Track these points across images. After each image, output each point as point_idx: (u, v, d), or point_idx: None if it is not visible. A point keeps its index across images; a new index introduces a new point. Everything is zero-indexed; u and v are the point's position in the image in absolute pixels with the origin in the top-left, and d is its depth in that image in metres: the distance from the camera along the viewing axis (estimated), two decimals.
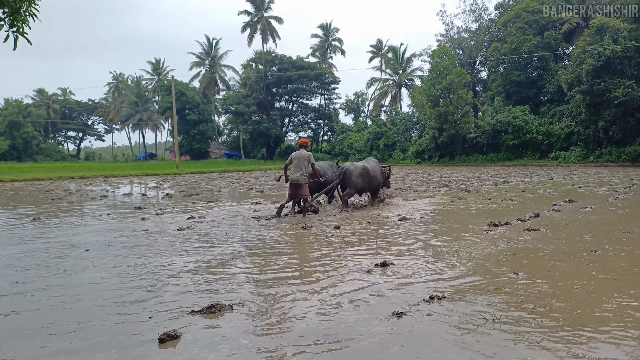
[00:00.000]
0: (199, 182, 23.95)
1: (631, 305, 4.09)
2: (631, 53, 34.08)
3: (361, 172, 11.07)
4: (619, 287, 4.61)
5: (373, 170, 11.39)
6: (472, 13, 59.97)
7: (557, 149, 41.02)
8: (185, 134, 65.66)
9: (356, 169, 11.05)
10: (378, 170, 11.68)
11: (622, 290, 4.51)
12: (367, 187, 11.43)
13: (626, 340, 3.37)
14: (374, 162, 11.81)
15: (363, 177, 11.10)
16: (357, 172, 11.02)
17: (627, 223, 8.39)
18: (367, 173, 11.16)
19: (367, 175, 11.18)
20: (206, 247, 6.96)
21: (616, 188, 15.63)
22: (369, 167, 11.29)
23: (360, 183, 11.10)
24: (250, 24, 62.88)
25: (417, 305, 4.15)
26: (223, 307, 4.19)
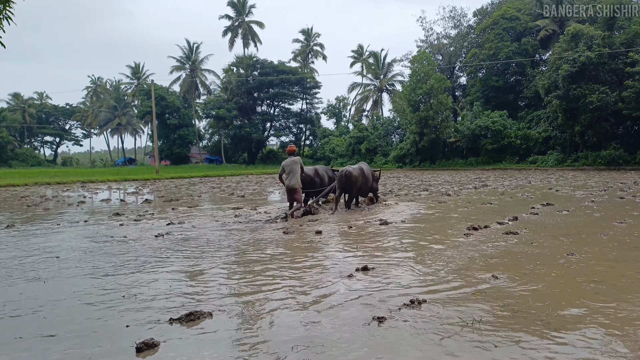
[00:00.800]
0: (179, 187, 23.68)
1: (608, 306, 4.16)
2: (605, 59, 34.97)
3: (360, 173, 11.64)
4: (596, 289, 4.69)
5: (367, 172, 11.99)
6: (452, 19, 60.84)
7: (535, 153, 41.76)
8: (165, 139, 64.93)
9: (355, 171, 11.52)
10: (370, 173, 12.25)
11: (600, 292, 4.59)
12: (363, 187, 11.94)
13: (603, 342, 3.42)
14: (366, 166, 12.31)
15: (362, 178, 11.68)
16: (357, 174, 11.53)
17: (602, 226, 8.56)
18: (364, 174, 11.77)
19: (364, 177, 11.77)
20: (185, 254, 6.86)
21: (592, 191, 15.97)
22: (365, 170, 11.92)
23: (359, 184, 11.65)
24: (231, 28, 62.62)
25: (398, 310, 4.16)
26: (202, 314, 4.13)
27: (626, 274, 5.20)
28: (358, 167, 11.84)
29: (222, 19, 62.50)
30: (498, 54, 46.83)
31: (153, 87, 43.43)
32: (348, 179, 11.34)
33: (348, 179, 11.35)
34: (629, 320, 3.83)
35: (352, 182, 11.41)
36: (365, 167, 12.06)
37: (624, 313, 3.99)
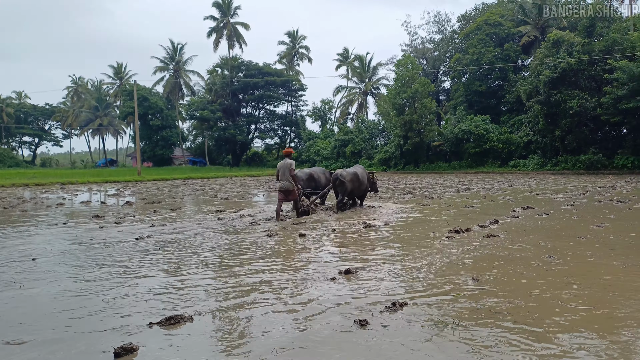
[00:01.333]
0: (161, 190, 23.42)
1: (585, 308, 4.23)
2: (584, 66, 35.66)
3: (352, 177, 11.97)
4: (574, 291, 4.76)
5: (362, 176, 12.36)
6: (436, 24, 61.45)
7: (516, 157, 42.34)
8: (147, 140, 64.14)
9: (348, 174, 11.90)
10: (365, 176, 12.65)
11: (578, 294, 4.66)
12: (356, 191, 12.30)
13: (580, 343, 3.48)
14: (361, 168, 12.71)
15: (354, 182, 11.99)
16: (350, 177, 11.88)
17: (581, 229, 8.71)
18: (357, 178, 12.13)
19: (357, 180, 12.12)
20: (167, 257, 6.79)
21: (571, 195, 16.24)
22: (359, 173, 12.27)
23: (353, 187, 12.00)
24: (216, 29, 62.26)
25: (380, 313, 4.17)
26: (183, 318, 4.09)
27: (604, 276, 5.30)
28: (352, 170, 12.19)
29: (207, 19, 62.15)
30: (481, 59, 47.42)
31: (136, 87, 42.94)
32: (341, 181, 11.69)
33: (341, 182, 11.71)
34: (606, 320, 3.90)
35: (344, 185, 11.72)
36: (359, 170, 12.38)
37: (602, 314, 4.06)
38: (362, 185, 12.43)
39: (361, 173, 12.40)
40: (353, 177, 11.97)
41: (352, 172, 12.08)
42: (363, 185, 12.48)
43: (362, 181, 12.37)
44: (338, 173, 11.83)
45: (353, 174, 12.04)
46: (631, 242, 7.29)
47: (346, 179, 11.76)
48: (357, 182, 12.09)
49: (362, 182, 12.34)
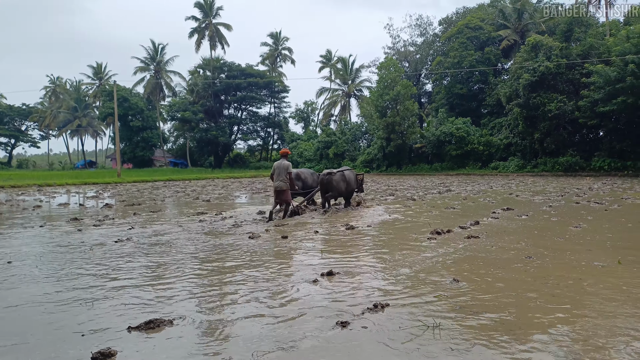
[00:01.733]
0: (141, 192, 23.12)
1: (563, 308, 4.30)
2: (562, 70, 36.37)
3: (340, 177, 12.34)
4: (552, 292, 4.84)
5: (349, 177, 12.73)
6: (418, 27, 62.06)
7: (496, 159, 42.95)
8: (127, 141, 63.30)
9: (336, 175, 12.25)
10: (353, 177, 13.03)
11: (556, 294, 4.74)
12: (344, 191, 12.62)
13: (557, 344, 3.53)
14: (349, 170, 13.07)
15: (341, 182, 12.36)
16: (338, 178, 12.25)
17: (559, 230, 8.86)
18: (344, 178, 12.49)
19: (345, 181, 12.47)
20: (147, 260, 6.69)
21: (550, 196, 16.52)
22: (346, 174, 12.64)
23: (340, 188, 12.34)
24: (198, 29, 61.84)
25: (362, 314, 4.17)
26: (163, 322, 4.03)
27: (581, 277, 5.39)
28: (340, 171, 12.52)
29: (189, 20, 61.75)
30: (462, 62, 48.02)
31: (116, 87, 42.34)
32: (328, 182, 12.09)
33: (328, 182, 12.09)
34: (582, 319, 3.96)
35: (332, 185, 12.09)
36: (347, 172, 12.76)
37: (578, 314, 4.13)
38: (350, 185, 12.78)
39: (348, 174, 12.74)
40: (340, 177, 12.31)
41: (340, 174, 12.40)
42: (350, 185, 12.82)
43: (349, 182, 12.71)
44: (326, 174, 12.18)
45: (340, 175, 12.38)
46: (607, 243, 7.44)
47: (333, 179, 12.11)
48: (344, 183, 12.43)
49: (349, 182, 12.68)
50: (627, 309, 4.26)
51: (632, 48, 32.04)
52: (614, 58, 32.57)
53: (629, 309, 4.26)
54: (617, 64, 32.07)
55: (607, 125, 34.46)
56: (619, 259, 6.16)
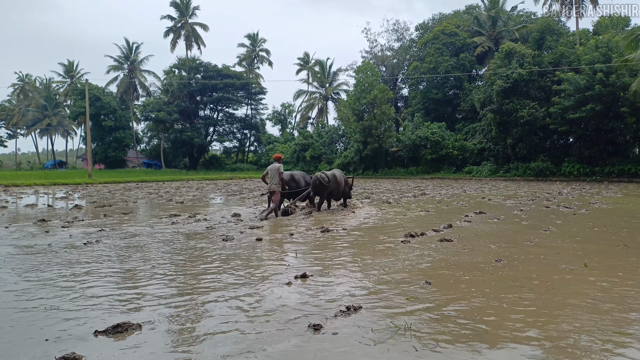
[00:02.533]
0: (113, 193, 22.63)
1: (530, 311, 4.37)
2: (535, 77, 37.24)
3: (331, 179, 12.78)
4: (520, 294, 4.92)
5: (339, 179, 13.23)
6: (395, 32, 62.68)
7: (470, 163, 43.64)
8: (99, 141, 61.94)
9: (327, 177, 12.72)
10: (343, 179, 13.52)
11: (524, 297, 4.82)
12: (334, 192, 13.14)
13: (525, 344, 3.58)
14: (339, 172, 13.53)
15: (332, 184, 12.79)
16: (328, 180, 12.69)
17: (529, 233, 9.04)
18: (335, 180, 12.96)
19: (336, 182, 12.94)
20: (117, 263, 6.54)
21: (521, 200, 16.87)
22: (337, 176, 13.13)
23: (331, 189, 12.81)
24: (173, 29, 61.02)
25: (334, 317, 4.16)
26: (131, 326, 3.94)
27: (549, 280, 5.50)
28: (331, 173, 13.05)
29: (164, 19, 60.86)
30: (438, 67, 48.69)
31: (87, 86, 41.40)
32: (320, 183, 12.52)
33: (320, 184, 12.53)
34: (549, 321, 4.04)
35: (323, 186, 12.55)
36: (338, 174, 13.26)
37: (546, 316, 4.21)
38: (340, 187, 13.27)
39: (339, 176, 13.26)
40: (332, 179, 12.81)
41: (332, 175, 12.90)
42: (340, 187, 13.31)
43: (340, 184, 13.21)
44: (318, 175, 12.68)
45: (332, 176, 12.88)
46: (575, 246, 7.62)
47: (324, 180, 12.59)
48: (335, 184, 12.93)
49: (339, 184, 13.18)
50: (592, 310, 4.36)
51: (600, 57, 33.06)
52: (584, 66, 33.52)
53: (594, 310, 4.36)
54: (586, 73, 33.02)
55: (577, 131, 35.40)
56: (586, 262, 6.31)
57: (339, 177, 13.18)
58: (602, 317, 4.17)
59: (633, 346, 3.53)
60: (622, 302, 4.59)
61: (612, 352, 3.43)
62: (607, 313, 4.27)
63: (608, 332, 3.79)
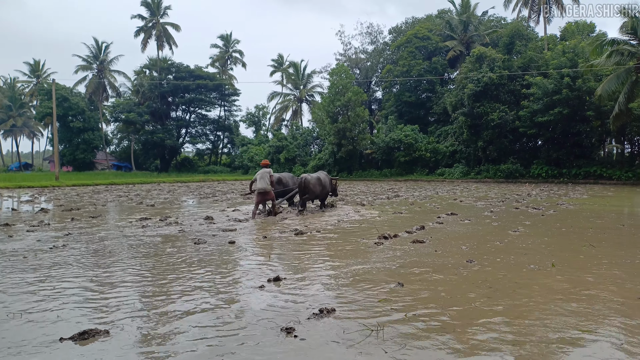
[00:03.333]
0: (81, 196, 22.04)
1: (499, 310, 4.44)
2: (504, 81, 38.13)
3: (316, 181, 13.46)
4: (490, 294, 4.99)
5: (324, 181, 13.91)
6: (369, 35, 63.12)
7: (442, 165, 44.30)
8: (67, 143, 60.19)
9: (312, 179, 13.40)
10: (327, 181, 14.21)
11: (493, 297, 4.89)
12: (319, 193, 13.74)
13: (494, 343, 3.63)
14: (324, 174, 14.34)
15: (317, 186, 13.46)
16: (314, 181, 13.36)
17: (499, 234, 9.22)
18: (320, 182, 13.63)
19: (320, 184, 13.61)
20: (84, 267, 6.36)
21: (491, 202, 17.20)
22: (322, 178, 13.84)
23: (316, 190, 13.43)
24: (144, 29, 59.93)
25: (307, 319, 4.13)
26: (98, 332, 3.83)
27: (518, 279, 5.61)
28: (316, 175, 13.81)
29: (135, 18, 59.71)
30: (411, 71, 49.28)
31: (54, 86, 40.21)
32: (306, 185, 13.16)
33: (306, 185, 13.16)
34: (518, 320, 4.11)
35: (309, 187, 13.17)
36: (322, 176, 14.02)
37: (514, 315, 4.28)
38: (324, 188, 13.94)
39: (323, 178, 13.97)
40: (316, 181, 13.49)
41: (316, 177, 13.63)
42: (325, 189, 13.99)
43: (324, 185, 13.88)
44: (303, 177, 13.37)
45: (317, 178, 13.60)
46: (543, 247, 7.80)
47: (310, 182, 13.23)
48: (319, 186, 13.56)
49: (324, 185, 13.85)
50: (559, 308, 4.46)
51: (567, 62, 34.10)
52: (551, 71, 34.49)
53: (561, 308, 4.46)
54: (554, 77, 33.99)
55: (545, 134, 36.36)
56: (553, 262, 6.46)
57: (323, 179, 13.85)
58: (566, 314, 4.27)
59: (593, 342, 3.63)
60: (586, 301, 4.71)
61: (576, 344, 3.51)
62: (572, 311, 4.37)
63: (571, 330, 3.88)
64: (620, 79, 29.34)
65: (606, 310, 4.41)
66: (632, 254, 7.07)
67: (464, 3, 50.72)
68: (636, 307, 4.50)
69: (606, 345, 3.59)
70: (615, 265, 6.36)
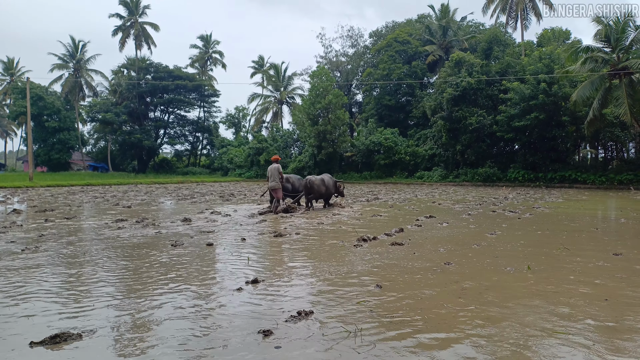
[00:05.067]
0: (55, 197, 21.54)
1: (475, 313, 4.48)
2: (483, 85, 38.72)
3: (320, 183, 14.60)
4: (467, 296, 5.04)
5: (328, 182, 15.02)
6: (349, 38, 63.40)
7: (422, 169, 44.70)
8: (42, 143, 58.79)
9: (317, 180, 14.59)
10: (331, 183, 15.32)
11: (469, 299, 4.94)
12: (323, 194, 14.94)
13: (469, 344, 3.66)
14: (328, 176, 15.39)
15: (321, 187, 14.61)
16: (318, 182, 14.53)
17: (476, 237, 9.33)
18: (324, 184, 14.75)
19: (324, 185, 14.75)
20: (57, 270, 6.21)
21: (469, 205, 17.42)
22: (325, 180, 14.92)
23: (321, 191, 14.64)
24: (122, 28, 58.95)
25: (285, 322, 4.10)
26: (70, 336, 3.74)
27: (494, 282, 5.68)
28: (320, 177, 14.88)
29: (113, 17, 58.74)
30: (391, 74, 49.66)
31: (29, 85, 39.30)
32: (311, 186, 14.36)
33: (311, 186, 14.35)
34: (493, 321, 4.15)
35: (313, 188, 14.39)
36: (326, 178, 15.09)
37: (490, 317, 4.33)
38: (328, 189, 15.07)
39: (327, 180, 15.03)
40: (320, 182, 14.62)
41: (320, 179, 14.74)
42: (329, 189, 15.12)
43: (328, 186, 14.99)
44: (308, 179, 14.53)
45: (320, 180, 14.72)
46: (519, 249, 7.92)
47: (315, 183, 14.41)
48: (323, 187, 14.70)
49: (327, 187, 14.95)
50: (535, 309, 4.53)
51: (543, 68, 34.82)
52: (528, 76, 35.15)
53: (536, 309, 4.53)
54: (530, 82, 34.65)
55: (522, 139, 36.98)
56: (529, 264, 6.57)
57: (327, 181, 14.94)
58: (539, 315, 4.34)
59: (564, 343, 3.69)
60: (559, 302, 4.80)
61: (547, 344, 3.57)
62: (545, 311, 4.45)
63: (543, 330, 3.94)
64: (594, 85, 30.08)
65: (577, 311, 4.49)
66: (605, 257, 7.23)
67: (443, 8, 51.39)
68: (603, 308, 4.60)
69: (577, 344, 3.66)
70: (588, 268, 6.50)
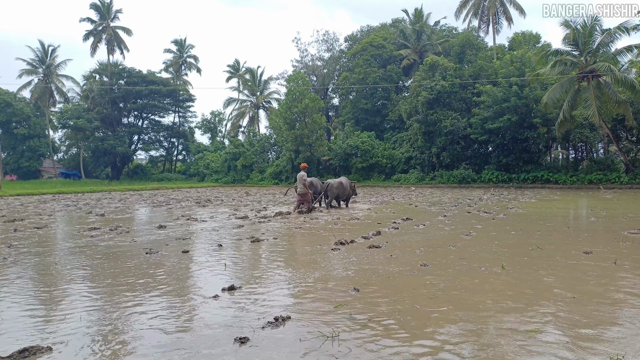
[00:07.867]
0: (25, 206, 20.95)
1: (451, 314, 4.53)
2: (456, 89, 39.38)
3: (338, 185, 16.28)
4: (443, 297, 5.09)
5: (345, 184, 16.59)
6: (325, 43, 63.73)
7: (398, 171, 45.12)
8: (11, 150, 57.28)
9: (335, 182, 16.28)
10: (348, 184, 16.81)
11: (446, 300, 4.98)
12: (341, 195, 16.59)
13: (445, 344, 3.69)
14: (345, 179, 16.81)
15: (339, 188, 16.31)
16: (336, 184, 16.22)
17: (452, 238, 9.44)
18: (341, 185, 16.37)
19: (342, 187, 16.40)
20: (27, 281, 6.02)
21: (445, 207, 17.64)
22: (343, 182, 16.49)
23: (339, 191, 16.34)
24: (94, 32, 57.84)
25: (262, 328, 4.06)
26: (40, 349, 3.64)
27: (470, 282, 5.75)
28: (338, 180, 16.47)
29: (84, 21, 57.62)
30: (366, 78, 50.05)
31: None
32: (329, 188, 16.10)
33: (330, 188, 16.10)
34: (470, 321, 4.20)
35: (332, 190, 16.12)
36: (344, 180, 16.62)
37: (467, 318, 4.37)
38: (346, 190, 16.64)
39: (345, 182, 16.55)
40: (339, 185, 16.21)
41: (338, 182, 16.31)
42: (346, 190, 16.68)
43: (346, 188, 16.54)
44: (328, 182, 16.31)
45: (339, 182, 16.30)
46: (494, 250, 8.05)
47: (334, 186, 16.04)
48: (341, 188, 16.32)
49: (345, 188, 16.53)
50: (509, 308, 4.60)
51: (515, 71, 35.63)
52: (500, 80, 35.91)
53: (510, 308, 4.60)
54: (503, 85, 35.40)
55: (495, 141, 37.72)
56: (503, 264, 6.67)
57: (344, 183, 16.47)
58: (514, 313, 4.41)
59: (541, 342, 3.76)
60: (532, 301, 4.89)
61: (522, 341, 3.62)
62: (519, 309, 4.52)
63: (517, 327, 4.01)
64: (564, 87, 30.92)
65: (550, 309, 4.58)
66: (576, 255, 7.41)
67: (417, 13, 52.14)
68: (571, 304, 4.70)
69: (546, 342, 3.73)
70: (560, 266, 6.64)
